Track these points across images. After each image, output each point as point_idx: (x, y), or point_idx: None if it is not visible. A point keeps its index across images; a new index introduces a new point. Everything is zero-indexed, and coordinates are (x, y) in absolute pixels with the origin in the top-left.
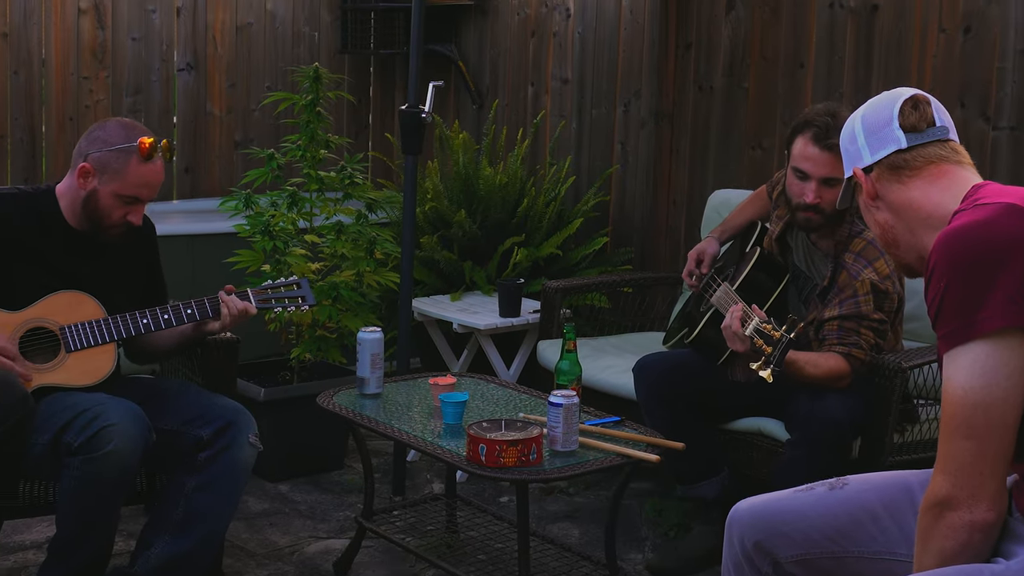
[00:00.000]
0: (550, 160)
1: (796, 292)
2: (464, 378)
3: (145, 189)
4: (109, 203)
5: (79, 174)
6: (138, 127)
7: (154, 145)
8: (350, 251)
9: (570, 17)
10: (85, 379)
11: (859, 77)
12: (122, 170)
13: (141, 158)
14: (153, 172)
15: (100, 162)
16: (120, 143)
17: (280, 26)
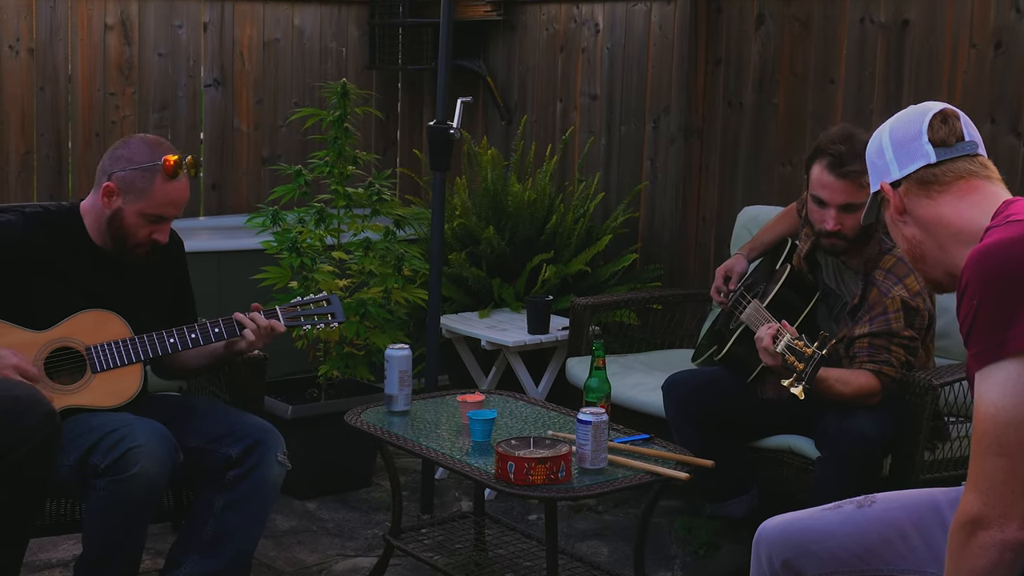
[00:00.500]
0: (579, 176)
1: (826, 310)
2: (492, 395)
3: (170, 207)
4: (134, 222)
5: (103, 193)
6: (163, 144)
7: (179, 163)
8: (378, 268)
9: (599, 33)
10: (111, 400)
11: (890, 92)
12: (147, 189)
13: (166, 176)
14: (178, 190)
15: (124, 181)
16: (144, 161)
17: (308, 42)
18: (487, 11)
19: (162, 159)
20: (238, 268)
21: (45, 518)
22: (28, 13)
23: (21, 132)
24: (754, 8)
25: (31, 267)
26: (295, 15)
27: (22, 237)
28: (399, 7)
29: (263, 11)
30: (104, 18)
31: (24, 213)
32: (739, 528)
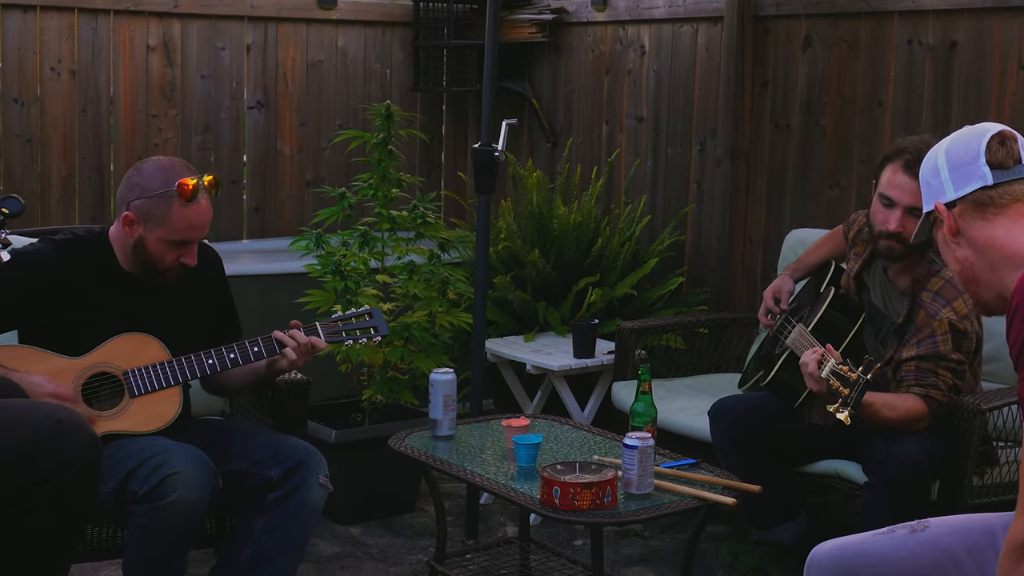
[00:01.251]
0: (625, 199)
1: (873, 331)
2: (538, 420)
3: (192, 231)
4: (158, 249)
5: (124, 223)
6: (176, 166)
7: (196, 186)
8: (422, 291)
9: (645, 54)
10: (150, 425)
11: (938, 115)
12: (165, 216)
13: (183, 201)
14: (198, 213)
15: (142, 210)
16: (159, 188)
17: (351, 63)
18: (532, 33)
19: (176, 184)
20: (281, 292)
21: (87, 543)
22: (70, 35)
23: (63, 155)
24: (801, 30)
25: (63, 294)
26: (339, 36)
27: (52, 265)
28: (444, 29)
29: (306, 32)
30: (146, 39)
31: (54, 241)
32: (787, 554)
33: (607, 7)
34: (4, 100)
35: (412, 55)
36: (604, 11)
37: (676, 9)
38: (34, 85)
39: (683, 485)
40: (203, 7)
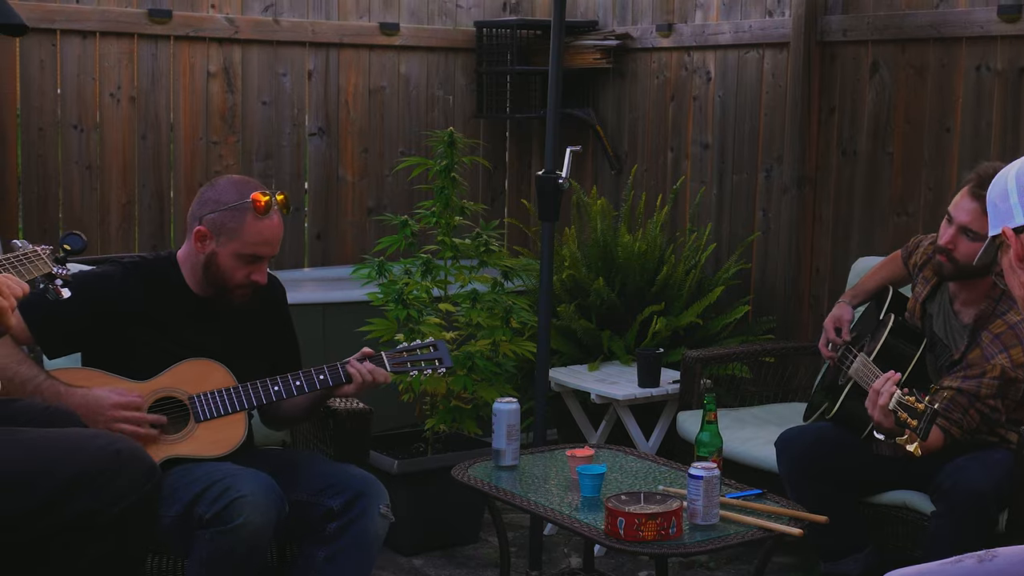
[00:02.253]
0: (690, 227)
1: (933, 359)
2: (602, 450)
3: (265, 246)
4: (230, 264)
5: (196, 238)
6: (250, 182)
7: (270, 201)
8: (485, 320)
9: (711, 80)
10: (215, 450)
11: (1006, 141)
12: (239, 229)
13: (257, 214)
14: (271, 228)
15: (215, 223)
16: (233, 201)
17: (414, 90)
18: (597, 59)
19: (251, 197)
20: (343, 320)
21: (146, 573)
22: (129, 60)
23: (123, 182)
24: (868, 55)
25: (131, 318)
26: (401, 63)
27: (121, 288)
28: (507, 54)
29: (368, 58)
30: (207, 65)
31: (123, 264)
32: None
33: (672, 33)
34: (63, 126)
35: (475, 81)
36: (669, 37)
37: (742, 35)
38: (93, 111)
39: (749, 516)
40: (264, 33)
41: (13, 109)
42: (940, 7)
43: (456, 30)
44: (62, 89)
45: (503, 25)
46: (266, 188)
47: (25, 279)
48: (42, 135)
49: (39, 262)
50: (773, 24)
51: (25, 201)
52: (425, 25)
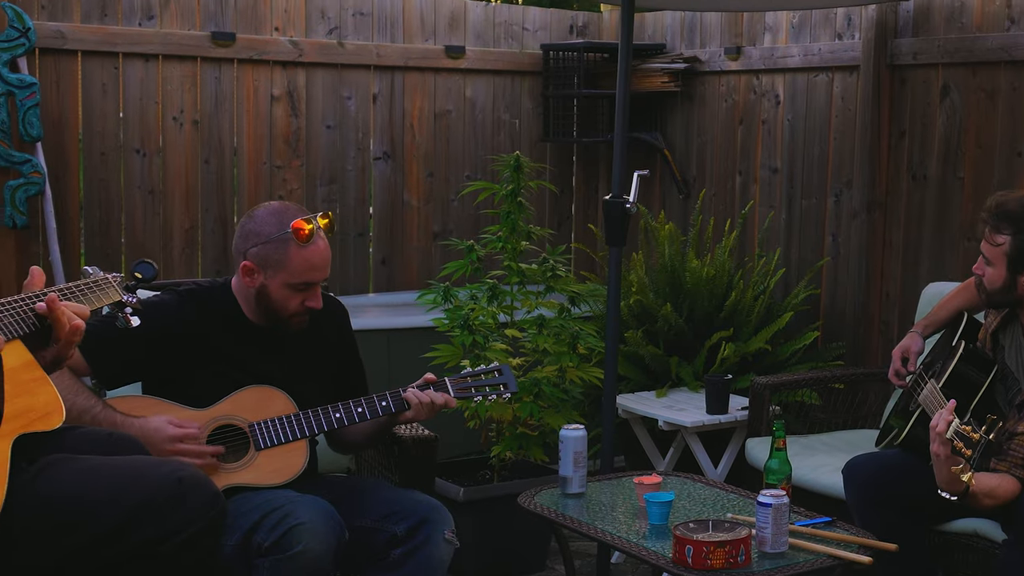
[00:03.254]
0: (759, 252)
1: (1003, 390)
2: (670, 477)
3: (313, 272)
4: (282, 295)
5: (243, 273)
6: (288, 209)
7: (312, 229)
8: (552, 346)
9: (780, 104)
10: (276, 478)
11: None
12: (284, 260)
13: (300, 243)
14: (317, 254)
15: (260, 257)
16: (274, 233)
17: (480, 114)
18: (664, 82)
19: (291, 226)
20: (408, 346)
21: None
22: (193, 84)
23: (185, 207)
24: (939, 79)
25: (188, 346)
26: (467, 86)
27: (178, 316)
28: (574, 78)
29: (434, 82)
30: (271, 89)
31: (178, 292)
32: None
33: (741, 56)
34: (125, 151)
35: (541, 105)
36: (738, 60)
37: (811, 58)
38: (156, 135)
39: (818, 544)
40: (328, 56)
41: (75, 133)
42: (1011, 30)
43: (522, 53)
44: (124, 113)
45: (570, 48)
46: (307, 211)
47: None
48: (104, 160)
49: (109, 290)
50: (843, 47)
51: (87, 226)
52: (491, 48)
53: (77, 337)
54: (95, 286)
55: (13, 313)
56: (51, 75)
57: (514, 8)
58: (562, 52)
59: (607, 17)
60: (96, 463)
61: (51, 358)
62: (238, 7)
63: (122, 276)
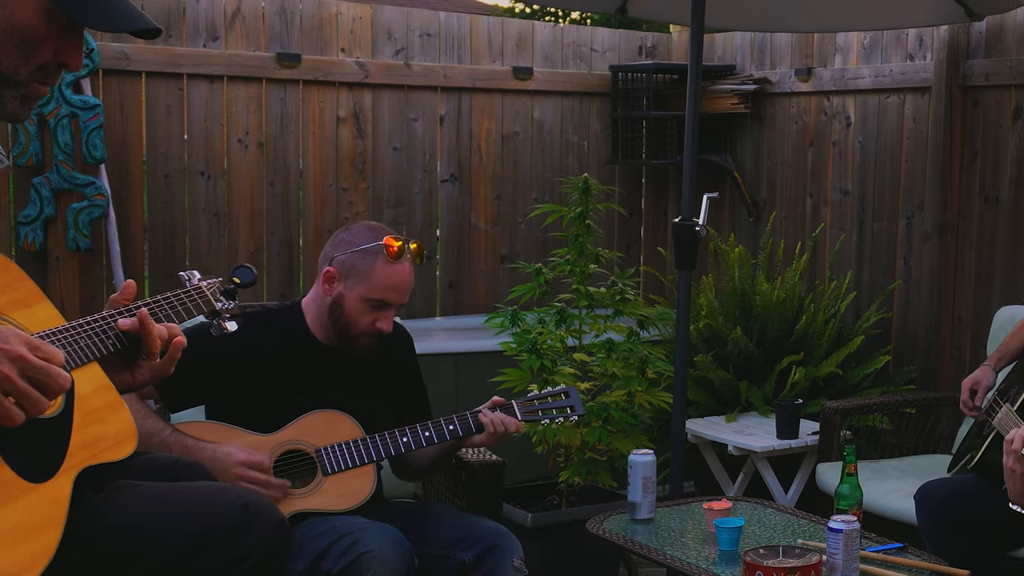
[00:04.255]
0: (830, 275)
1: None
2: (740, 502)
3: (393, 292)
4: (356, 308)
5: (324, 279)
6: (384, 228)
7: (402, 247)
8: (621, 370)
9: (851, 126)
10: (343, 503)
11: None
12: (368, 272)
13: (388, 259)
14: (401, 274)
15: (345, 265)
16: (365, 244)
17: (548, 135)
18: (734, 104)
19: (383, 240)
20: (475, 370)
21: None
22: (258, 106)
23: (250, 229)
24: (1011, 100)
25: (255, 369)
26: (534, 107)
27: (245, 339)
28: (643, 99)
29: (501, 103)
30: (336, 110)
31: (245, 315)
32: None
33: (811, 77)
34: (190, 173)
35: (610, 126)
36: (808, 81)
37: (882, 79)
38: (221, 157)
39: (889, 570)
40: (395, 77)
41: (139, 155)
42: None
43: (591, 74)
44: (189, 135)
45: (639, 69)
46: (400, 236)
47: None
48: (168, 182)
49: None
50: (914, 68)
51: (151, 249)
52: (559, 69)
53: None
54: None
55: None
56: (115, 96)
57: (582, 29)
58: (631, 73)
59: (676, 38)
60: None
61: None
62: (304, 28)
63: (220, 280)
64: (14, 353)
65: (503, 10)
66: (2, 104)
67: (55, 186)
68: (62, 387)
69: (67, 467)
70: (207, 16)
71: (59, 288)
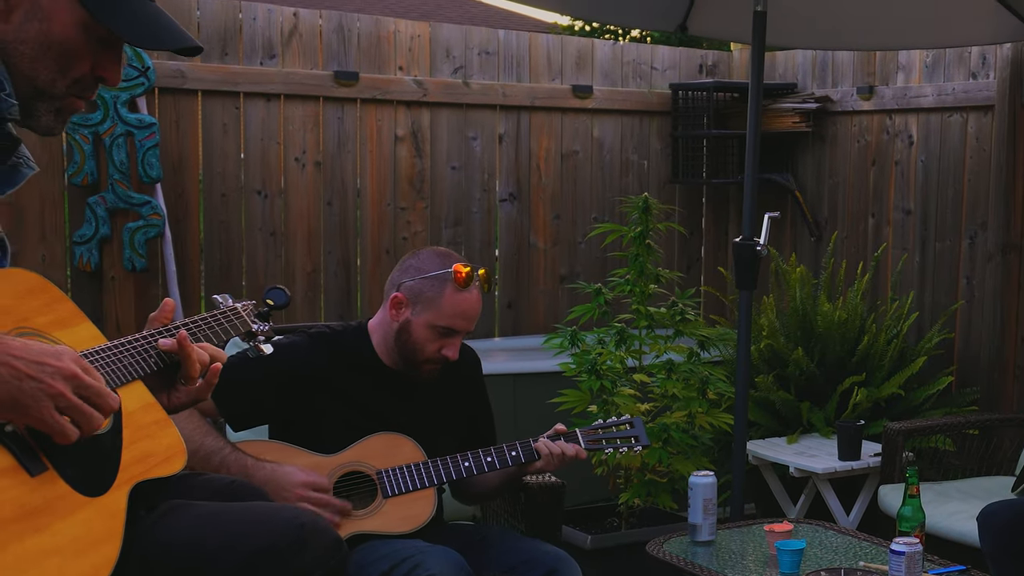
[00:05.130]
0: (892, 295)
1: None
2: (801, 525)
3: (461, 320)
4: (423, 335)
5: (392, 305)
6: (453, 255)
7: (470, 274)
8: (681, 391)
9: (913, 144)
10: (403, 526)
11: None
12: (437, 299)
13: (457, 286)
14: (469, 302)
15: (413, 291)
16: (434, 270)
17: (607, 154)
18: (796, 122)
19: (453, 268)
20: (535, 391)
21: None
22: (315, 124)
23: (308, 249)
24: None
25: (318, 390)
26: (594, 126)
27: (308, 359)
28: (703, 118)
29: (561, 122)
30: (394, 129)
31: (310, 335)
32: None
33: (873, 95)
34: (247, 192)
35: (670, 145)
36: (870, 100)
37: (945, 98)
38: (277, 176)
39: None
40: (453, 96)
41: (195, 174)
42: None
43: (651, 93)
44: (245, 154)
45: (699, 88)
46: (469, 262)
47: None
48: (225, 201)
49: (238, 321)
50: (977, 87)
51: (207, 268)
52: (619, 87)
53: (216, 380)
54: (223, 317)
55: (133, 353)
56: (171, 115)
57: (642, 47)
58: (691, 91)
59: (737, 56)
60: (215, 508)
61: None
62: (361, 46)
63: (254, 303)
64: (68, 371)
65: (563, 28)
66: (36, 117)
67: (111, 205)
68: (111, 407)
69: (120, 482)
70: (264, 34)
71: (114, 309)
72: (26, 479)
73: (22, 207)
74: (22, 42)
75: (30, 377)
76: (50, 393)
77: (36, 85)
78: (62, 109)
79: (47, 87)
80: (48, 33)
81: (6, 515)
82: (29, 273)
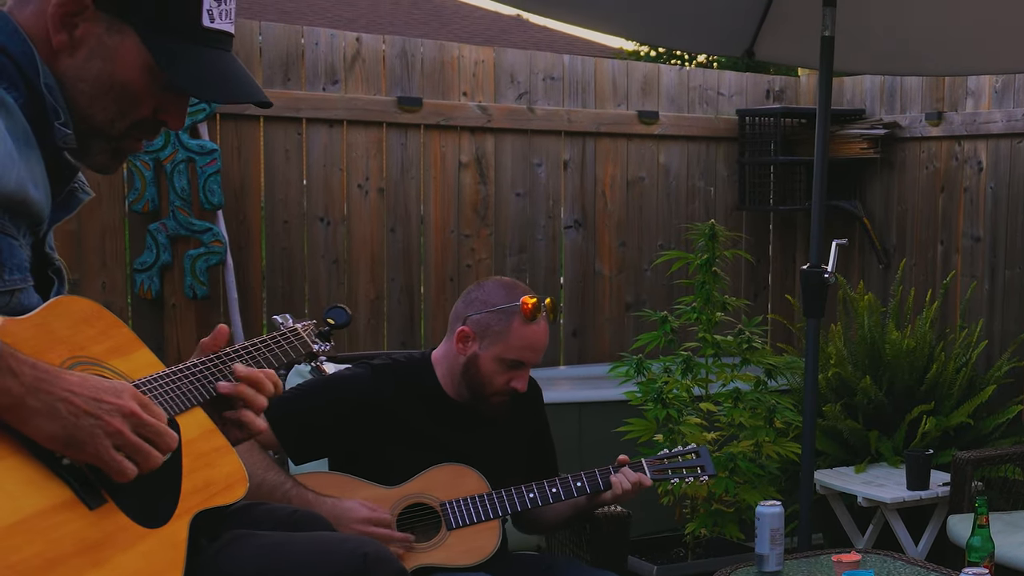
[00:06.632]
0: (961, 323)
1: None
2: (869, 555)
3: (529, 352)
4: (491, 369)
5: (458, 339)
6: (519, 286)
7: (537, 305)
8: (748, 420)
9: (982, 171)
10: (468, 558)
11: None
12: (504, 332)
13: (524, 319)
14: (537, 334)
15: (480, 324)
16: (501, 303)
17: (674, 181)
18: (864, 148)
19: (519, 300)
20: (600, 420)
21: None
22: (378, 151)
23: (371, 277)
24: None
25: (380, 422)
26: (660, 152)
27: (370, 391)
28: (770, 144)
29: (626, 148)
30: (458, 155)
31: (373, 366)
32: None
33: (942, 121)
34: (309, 219)
35: (737, 172)
36: (939, 126)
37: (1015, 123)
38: (340, 203)
39: None
40: (518, 122)
41: (258, 201)
42: None
43: (717, 118)
44: (307, 180)
45: (766, 113)
46: (533, 292)
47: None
48: (287, 228)
49: (299, 342)
50: None
51: (269, 295)
52: (685, 113)
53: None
54: (283, 339)
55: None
56: (232, 141)
57: (709, 72)
58: (758, 117)
59: (804, 81)
60: (279, 539)
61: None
62: (425, 71)
63: (315, 323)
64: (127, 409)
65: (628, 53)
66: (89, 155)
67: (172, 232)
68: (170, 446)
69: (181, 512)
70: (326, 59)
71: (175, 336)
72: (85, 513)
73: (82, 235)
74: (82, 80)
75: (88, 414)
76: (108, 431)
77: (92, 124)
78: (120, 150)
79: (104, 127)
80: (111, 74)
81: (66, 550)
82: (84, 300)
